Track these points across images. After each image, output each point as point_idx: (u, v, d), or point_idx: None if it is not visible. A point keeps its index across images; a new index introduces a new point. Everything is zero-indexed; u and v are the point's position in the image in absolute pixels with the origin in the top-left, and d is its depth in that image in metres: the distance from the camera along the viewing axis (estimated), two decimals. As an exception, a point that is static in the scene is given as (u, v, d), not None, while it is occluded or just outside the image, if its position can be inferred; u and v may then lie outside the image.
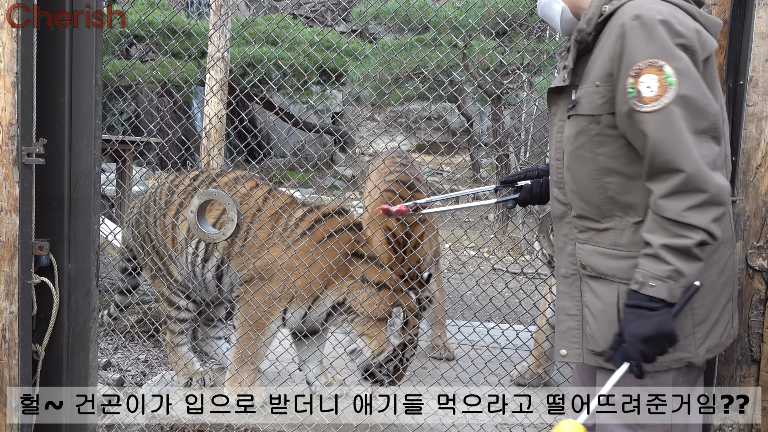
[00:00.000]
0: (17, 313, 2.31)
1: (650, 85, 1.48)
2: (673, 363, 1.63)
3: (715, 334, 1.66)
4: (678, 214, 1.47)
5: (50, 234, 2.44)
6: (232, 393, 3.17)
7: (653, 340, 1.51)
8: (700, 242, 1.48)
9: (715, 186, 1.47)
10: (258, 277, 3.08)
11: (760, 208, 1.95)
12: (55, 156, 2.40)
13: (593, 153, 1.63)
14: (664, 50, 1.49)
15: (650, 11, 1.51)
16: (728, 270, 1.68)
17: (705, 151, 1.48)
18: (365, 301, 3.02)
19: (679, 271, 1.49)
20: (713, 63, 1.60)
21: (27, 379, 2.39)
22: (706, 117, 1.49)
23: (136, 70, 7.37)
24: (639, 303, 1.53)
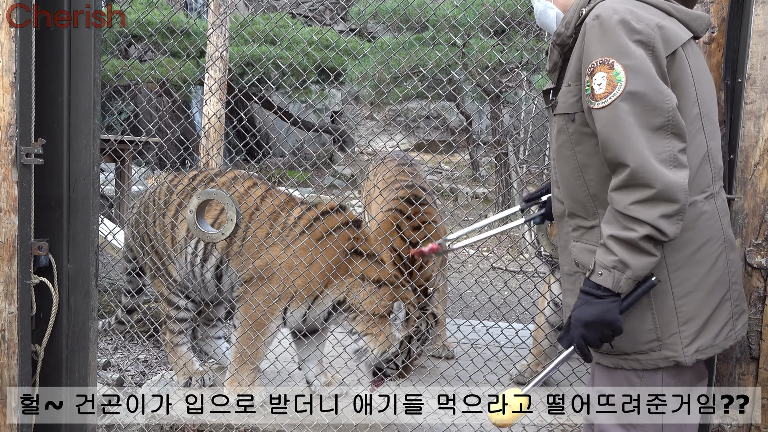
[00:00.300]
0: (16, 314, 2.31)
1: (600, 82, 1.51)
2: (659, 361, 1.64)
3: (708, 334, 1.65)
4: (625, 207, 1.50)
5: (49, 234, 2.44)
6: (231, 393, 3.17)
7: (594, 326, 1.55)
8: (645, 236, 1.49)
9: (664, 182, 1.47)
10: (258, 276, 3.08)
11: (759, 206, 1.96)
12: (53, 156, 2.40)
13: (572, 151, 1.67)
14: (615, 48, 1.51)
15: (608, 10, 1.54)
16: (718, 270, 1.66)
17: (660, 148, 1.49)
18: (365, 299, 3.02)
19: (624, 263, 1.52)
20: (681, 57, 1.59)
21: (26, 380, 2.39)
22: (660, 113, 1.49)
23: (134, 70, 7.36)
24: (588, 290, 1.58)
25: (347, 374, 3.40)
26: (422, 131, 12.71)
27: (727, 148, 2.02)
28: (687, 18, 1.65)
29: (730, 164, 2.01)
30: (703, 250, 1.63)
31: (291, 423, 3.05)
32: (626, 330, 1.62)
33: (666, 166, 1.48)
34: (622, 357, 1.66)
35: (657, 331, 1.63)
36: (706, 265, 1.64)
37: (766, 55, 1.93)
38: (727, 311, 1.69)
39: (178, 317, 3.44)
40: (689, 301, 1.63)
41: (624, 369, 1.67)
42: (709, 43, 2.05)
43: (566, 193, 1.72)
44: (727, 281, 1.68)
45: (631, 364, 1.65)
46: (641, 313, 1.63)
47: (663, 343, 1.62)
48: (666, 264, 1.61)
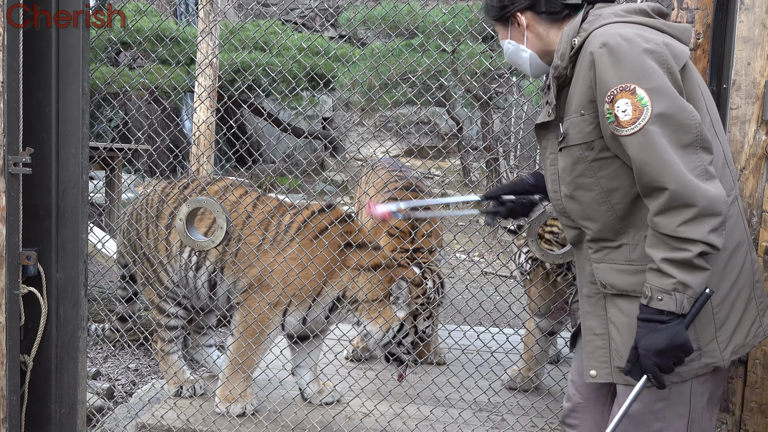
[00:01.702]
0: (4, 324, 2.29)
1: (625, 109, 1.51)
2: (699, 370, 1.64)
3: (740, 334, 1.67)
4: (673, 230, 1.50)
5: (38, 243, 2.43)
6: (222, 401, 3.16)
7: (667, 352, 1.53)
8: (699, 254, 1.50)
9: (705, 198, 1.48)
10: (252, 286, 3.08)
11: (745, 211, 1.97)
12: (42, 165, 2.39)
13: (595, 178, 1.66)
14: (633, 73, 1.52)
15: (615, 37, 1.55)
16: (746, 272, 1.67)
17: (693, 164, 1.50)
18: (363, 287, 3.04)
19: (684, 283, 1.51)
20: (691, 68, 1.62)
21: (15, 390, 2.37)
22: (688, 130, 1.50)
23: (124, 78, 7.35)
24: (649, 317, 1.55)
25: (339, 381, 3.39)
26: (413, 137, 12.74)
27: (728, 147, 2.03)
28: (677, 32, 1.67)
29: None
30: (734, 255, 1.65)
31: (282, 430, 3.04)
32: None
33: (701, 181, 1.49)
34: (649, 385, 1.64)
35: (698, 341, 1.63)
36: (737, 268, 1.65)
37: (750, 61, 1.95)
38: (754, 310, 1.70)
39: (168, 325, 3.42)
40: (724, 306, 1.64)
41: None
42: (694, 49, 2.07)
43: (588, 219, 1.71)
44: (752, 281, 1.69)
45: (671, 379, 1.63)
46: None
47: (702, 352, 1.62)
48: None
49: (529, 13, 1.75)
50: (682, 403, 1.65)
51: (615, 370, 1.70)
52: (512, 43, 1.81)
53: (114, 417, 3.41)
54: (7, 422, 2.34)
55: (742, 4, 1.95)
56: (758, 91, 1.95)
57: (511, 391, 3.41)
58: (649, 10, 1.66)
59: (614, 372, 1.70)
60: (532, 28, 1.76)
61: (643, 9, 1.65)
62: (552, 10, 1.72)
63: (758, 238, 1.97)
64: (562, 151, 1.71)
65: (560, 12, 1.72)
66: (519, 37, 1.79)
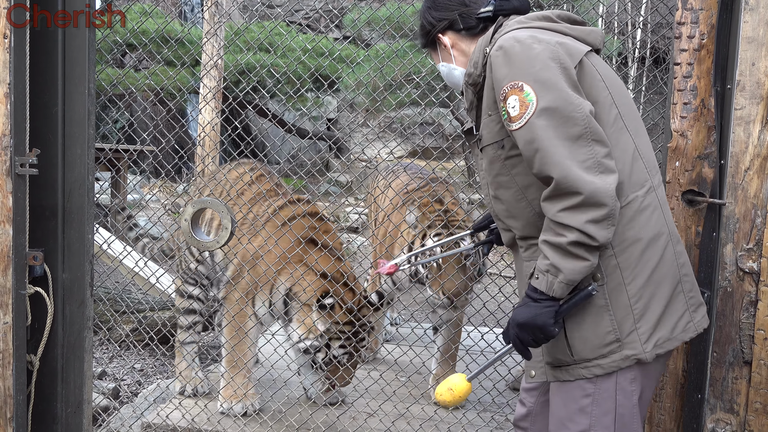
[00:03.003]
0: (11, 324, 2.31)
1: (514, 105, 1.59)
2: (621, 362, 1.65)
3: (665, 328, 1.67)
4: (554, 214, 1.56)
5: (44, 244, 2.44)
6: (226, 400, 3.18)
7: (526, 327, 1.60)
8: (573, 241, 1.53)
9: (589, 189, 1.51)
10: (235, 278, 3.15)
11: (749, 211, 1.97)
12: (48, 166, 2.41)
13: (510, 175, 1.72)
14: (521, 71, 1.59)
15: (509, 39, 1.64)
16: (666, 265, 1.68)
17: (584, 156, 1.54)
18: (306, 288, 3.03)
19: (556, 267, 1.56)
20: (591, 65, 1.68)
21: (21, 390, 2.39)
22: (575, 122, 1.55)
23: (129, 79, 7.37)
24: (528, 293, 1.63)
25: (343, 382, 3.40)
26: (417, 138, 12.74)
27: (718, 153, 2.03)
28: (582, 34, 1.74)
29: (720, 169, 2.03)
30: (651, 246, 1.66)
31: (287, 430, 3.05)
32: (586, 336, 1.65)
33: (591, 173, 1.53)
34: (583, 366, 1.68)
35: (616, 332, 1.65)
36: (655, 259, 1.66)
37: (755, 62, 1.95)
38: (682, 303, 1.71)
39: (187, 308, 3.52)
40: (642, 296, 1.65)
41: (585, 378, 1.68)
42: (698, 50, 2.07)
43: (512, 218, 1.76)
44: (677, 273, 1.70)
45: (593, 371, 1.66)
46: (599, 316, 1.65)
47: (623, 343, 1.64)
48: (618, 263, 1.64)
49: (451, 33, 1.85)
50: (608, 399, 1.67)
51: (546, 368, 1.75)
52: (445, 65, 1.90)
53: (119, 416, 3.43)
54: (14, 421, 2.35)
55: (746, 5, 1.95)
56: (763, 91, 1.95)
57: (515, 392, 3.41)
58: (554, 16, 1.74)
59: (547, 370, 1.75)
60: (457, 46, 1.86)
61: (547, 16, 1.74)
62: (469, 26, 1.82)
63: (762, 238, 1.97)
64: (483, 153, 1.79)
65: (476, 26, 1.81)
66: (448, 57, 1.88)
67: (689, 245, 2.09)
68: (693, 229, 2.09)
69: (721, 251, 1.98)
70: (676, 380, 2.14)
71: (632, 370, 1.67)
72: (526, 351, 1.65)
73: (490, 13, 1.79)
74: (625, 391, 1.67)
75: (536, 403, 1.90)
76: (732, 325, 2.00)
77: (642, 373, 1.69)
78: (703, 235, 2.08)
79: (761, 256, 1.96)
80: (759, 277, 1.97)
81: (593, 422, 1.67)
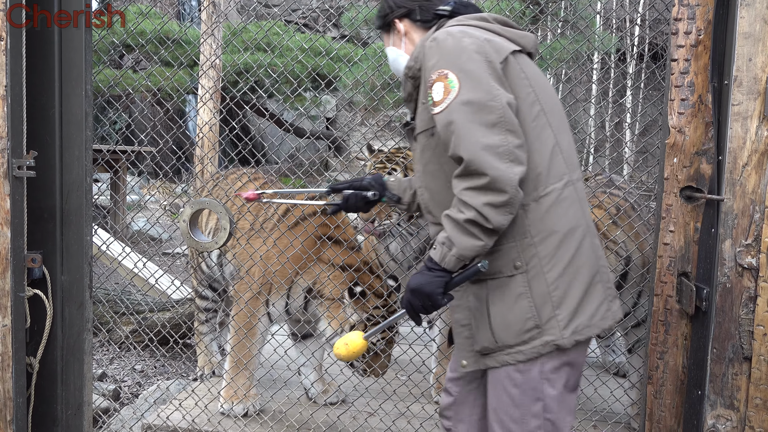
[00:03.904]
0: (10, 326, 2.30)
1: (438, 91, 1.67)
2: (540, 348, 1.72)
3: (583, 315, 1.74)
4: (459, 192, 1.64)
5: (42, 246, 2.44)
6: (227, 400, 3.18)
7: (416, 293, 1.67)
8: (469, 219, 1.61)
9: (494, 174, 1.58)
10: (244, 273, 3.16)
11: (748, 207, 1.97)
12: (46, 168, 2.40)
13: (439, 164, 1.78)
14: (448, 61, 1.68)
15: (442, 33, 1.74)
16: (584, 255, 1.75)
17: (495, 142, 1.61)
18: (328, 283, 3.05)
19: (450, 240, 1.64)
20: (516, 63, 1.75)
21: (21, 392, 2.38)
22: (492, 111, 1.62)
23: (127, 80, 7.36)
24: (426, 262, 1.70)
25: (344, 380, 3.40)
26: (416, 136, 12.71)
27: (716, 149, 2.03)
28: (515, 36, 1.81)
29: (718, 165, 2.02)
30: (569, 237, 1.73)
31: (288, 430, 3.05)
32: (508, 322, 1.73)
33: (501, 160, 1.60)
34: (506, 352, 1.74)
35: (536, 318, 1.71)
36: (572, 249, 1.73)
37: (751, 57, 1.95)
38: (601, 292, 1.78)
39: (204, 307, 3.75)
40: (560, 284, 1.72)
41: (509, 365, 1.74)
42: (695, 45, 2.07)
43: (440, 208, 1.79)
44: (595, 264, 1.77)
45: (515, 357, 1.73)
46: (520, 303, 1.72)
47: (542, 329, 1.71)
48: (537, 252, 1.71)
49: (407, 21, 1.92)
50: (535, 388, 1.74)
51: (476, 356, 1.80)
52: (393, 50, 1.95)
53: (120, 418, 3.43)
54: (14, 424, 2.35)
55: (742, 0, 1.95)
56: (760, 87, 1.94)
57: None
58: (490, 18, 1.82)
59: (477, 358, 1.80)
60: (409, 35, 1.92)
61: (483, 17, 1.82)
62: (425, 19, 1.89)
63: (761, 234, 1.97)
64: (417, 141, 1.85)
65: (431, 21, 1.88)
66: (398, 43, 1.94)
67: (688, 241, 2.09)
68: (692, 225, 2.09)
69: (720, 247, 1.98)
70: (675, 377, 2.14)
71: (555, 358, 1.74)
72: (416, 316, 1.72)
73: (447, 12, 1.86)
74: (551, 380, 1.74)
75: (460, 392, 1.95)
76: (731, 321, 1.99)
77: (564, 361, 1.75)
78: (701, 232, 2.08)
79: (760, 251, 1.95)
80: (758, 273, 1.97)
81: (524, 412, 1.74)
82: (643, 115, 11.46)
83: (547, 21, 8.90)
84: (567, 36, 8.53)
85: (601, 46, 8.59)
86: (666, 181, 2.08)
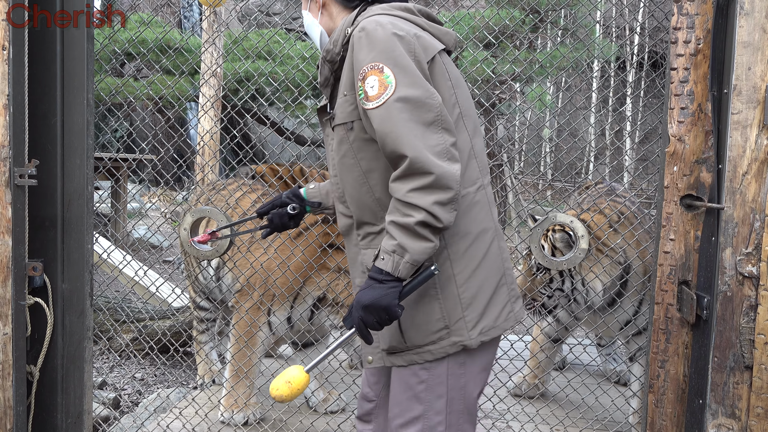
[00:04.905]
0: (11, 335, 2.30)
1: (373, 85, 1.63)
2: (448, 348, 1.72)
3: (490, 316, 1.76)
4: (403, 194, 1.59)
5: (43, 254, 2.44)
6: (227, 409, 3.17)
7: (371, 309, 1.61)
8: (420, 221, 1.57)
9: (439, 171, 1.56)
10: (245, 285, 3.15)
11: (748, 215, 1.97)
12: (47, 176, 2.41)
13: (355, 159, 1.76)
14: (382, 54, 1.64)
15: (372, 23, 1.69)
16: (491, 259, 1.77)
17: (434, 141, 1.60)
18: (342, 290, 3.03)
19: (402, 247, 1.59)
20: (442, 63, 1.74)
21: (21, 401, 2.38)
22: (430, 109, 1.61)
23: (128, 88, 7.38)
24: (372, 275, 1.64)
25: (344, 389, 3.39)
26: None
27: (716, 158, 2.04)
28: (438, 33, 1.80)
29: (718, 174, 2.03)
30: (479, 240, 1.74)
31: (288, 440, 3.04)
32: (418, 323, 1.72)
33: (441, 158, 1.58)
34: (415, 352, 1.74)
35: (445, 319, 1.72)
36: (482, 252, 1.74)
37: (750, 66, 1.95)
38: (505, 294, 1.80)
39: (202, 317, 3.75)
40: (469, 287, 1.73)
41: (417, 364, 1.74)
42: (695, 54, 2.07)
43: (353, 202, 1.80)
44: (501, 267, 1.80)
45: (424, 357, 1.73)
46: (430, 305, 1.72)
47: (450, 330, 1.72)
48: (449, 255, 1.71)
49: None
50: (440, 384, 1.74)
51: (382, 354, 1.80)
52: (309, 15, 1.93)
53: (120, 427, 3.42)
54: (13, 433, 2.35)
55: (741, 9, 1.95)
56: (759, 95, 1.95)
57: (516, 398, 3.41)
58: (414, 9, 1.80)
59: (383, 356, 1.80)
60: (327, 7, 1.89)
61: (408, 7, 1.79)
62: None
63: (761, 242, 1.97)
64: (334, 131, 1.82)
65: (352, 0, 1.84)
66: (315, 11, 1.91)
67: (688, 250, 2.09)
68: (692, 233, 2.10)
69: (721, 256, 1.98)
70: (677, 385, 2.14)
71: (461, 357, 1.75)
72: (368, 335, 1.67)
73: None
74: (455, 375, 1.75)
75: (379, 395, 1.95)
76: (732, 330, 1.99)
77: (470, 360, 1.77)
78: (702, 240, 2.08)
79: (760, 260, 1.95)
80: (758, 281, 1.97)
81: (426, 408, 1.75)
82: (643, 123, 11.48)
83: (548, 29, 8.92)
84: (567, 44, 8.56)
85: (601, 54, 8.62)
86: (666, 190, 2.08)
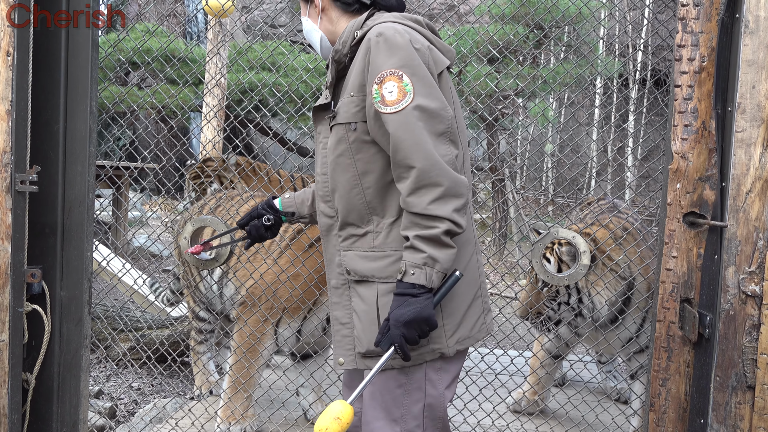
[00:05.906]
0: (8, 342, 2.29)
1: (392, 90, 1.66)
2: (427, 354, 1.76)
3: (466, 327, 1.81)
4: (424, 208, 1.63)
5: (43, 261, 2.43)
6: (224, 421, 3.14)
7: (413, 323, 1.63)
8: (446, 231, 1.63)
9: (450, 179, 1.63)
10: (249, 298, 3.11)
11: (751, 234, 1.96)
12: (48, 183, 2.40)
13: (352, 159, 1.78)
14: (403, 62, 1.68)
15: (390, 29, 1.73)
16: (471, 270, 1.83)
17: (444, 151, 1.65)
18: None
19: (433, 258, 1.64)
20: (445, 78, 1.80)
21: (17, 409, 2.36)
22: (442, 121, 1.67)
23: (132, 97, 7.40)
24: (403, 291, 1.66)
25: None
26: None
27: (719, 175, 2.03)
28: (443, 48, 1.84)
29: (721, 191, 2.02)
30: (461, 252, 1.78)
31: (285, 453, 3.01)
32: None
33: (449, 168, 1.64)
34: (393, 357, 1.73)
35: None
36: (463, 264, 1.79)
37: (755, 84, 1.95)
38: (479, 306, 1.85)
39: (200, 328, 3.71)
40: (450, 298, 1.77)
41: (394, 368, 1.76)
42: (699, 72, 2.07)
43: (341, 202, 1.81)
44: (478, 279, 1.85)
45: (402, 362, 1.75)
46: None
47: (430, 338, 1.74)
48: None
49: None
50: (418, 389, 1.77)
51: (358, 356, 1.80)
52: (308, 21, 1.96)
53: (115, 437, 3.39)
54: (7, 441, 2.33)
55: (746, 28, 1.95)
56: (763, 114, 1.95)
57: (516, 414, 3.38)
58: (423, 22, 1.84)
59: (357, 358, 1.81)
60: (327, 11, 1.92)
61: (418, 19, 1.84)
62: (346, 1, 1.89)
63: (765, 261, 1.95)
64: (332, 130, 1.83)
65: (352, 4, 1.88)
66: (315, 16, 1.94)
67: (691, 268, 2.08)
68: (695, 251, 2.08)
69: (723, 274, 1.97)
70: (678, 405, 2.12)
71: (437, 362, 1.79)
72: (409, 351, 1.67)
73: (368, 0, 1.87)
74: (433, 381, 1.79)
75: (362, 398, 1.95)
76: (735, 349, 1.98)
77: (445, 367, 1.80)
78: (704, 258, 2.07)
79: (764, 279, 1.94)
80: (762, 301, 1.95)
81: (404, 412, 1.77)
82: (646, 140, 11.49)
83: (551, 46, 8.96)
84: (570, 61, 8.58)
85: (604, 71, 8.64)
86: (669, 207, 2.07)
